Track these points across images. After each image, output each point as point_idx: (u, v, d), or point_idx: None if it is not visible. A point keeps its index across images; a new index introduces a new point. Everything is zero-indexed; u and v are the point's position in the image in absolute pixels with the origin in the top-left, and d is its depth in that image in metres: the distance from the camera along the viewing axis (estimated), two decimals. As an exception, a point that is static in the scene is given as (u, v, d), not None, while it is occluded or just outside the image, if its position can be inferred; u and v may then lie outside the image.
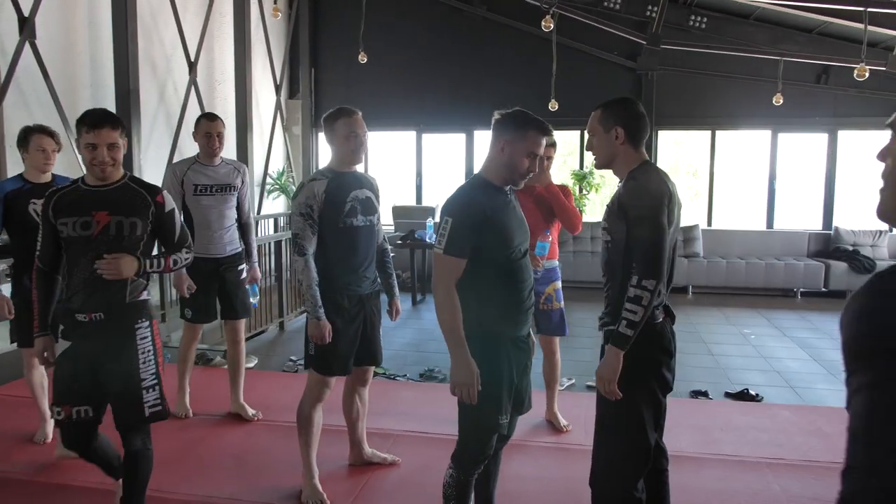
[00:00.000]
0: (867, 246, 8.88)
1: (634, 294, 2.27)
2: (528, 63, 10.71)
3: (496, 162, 2.55)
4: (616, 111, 2.46)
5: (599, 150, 2.50)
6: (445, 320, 2.48)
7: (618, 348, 2.31)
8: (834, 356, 6.00)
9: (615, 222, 2.40)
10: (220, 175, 4.14)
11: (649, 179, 2.37)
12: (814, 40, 9.80)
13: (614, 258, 2.43)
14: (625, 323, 2.29)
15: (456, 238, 2.47)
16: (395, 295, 3.59)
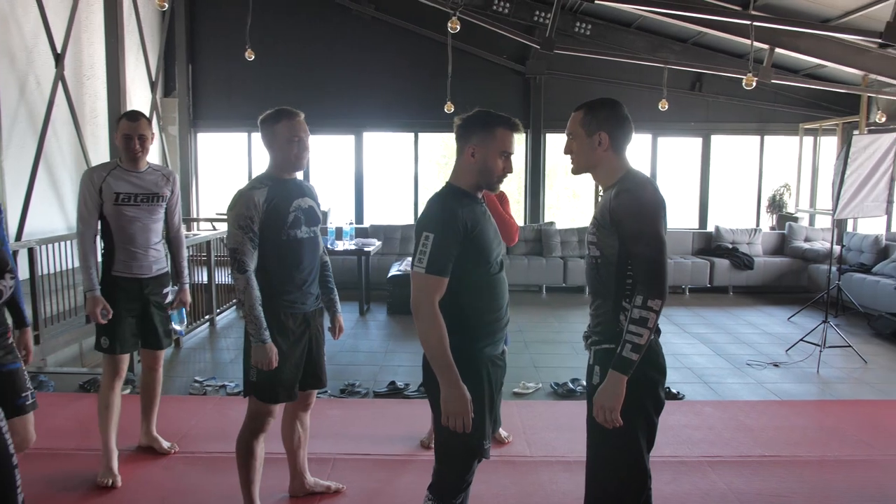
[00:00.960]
0: (744, 243, 9.45)
1: (640, 316, 2.11)
2: (419, 64, 10.61)
3: (467, 168, 2.37)
4: (601, 115, 2.29)
5: (580, 155, 2.33)
6: (433, 345, 2.26)
7: (622, 374, 2.14)
8: (734, 350, 6.29)
9: (606, 237, 2.24)
10: (147, 182, 3.56)
11: (644, 190, 2.21)
12: (689, 49, 10.35)
13: (605, 274, 2.27)
14: (629, 347, 2.12)
15: (438, 255, 2.26)
16: (337, 311, 3.33)
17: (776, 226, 10.63)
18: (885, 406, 4.93)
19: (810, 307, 7.66)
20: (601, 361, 2.25)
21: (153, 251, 3.59)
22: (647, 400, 2.24)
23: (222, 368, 5.61)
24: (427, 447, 3.99)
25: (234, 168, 11.20)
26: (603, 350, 2.24)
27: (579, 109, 2.34)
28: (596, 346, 2.29)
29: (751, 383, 5.33)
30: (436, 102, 9.87)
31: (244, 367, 3.02)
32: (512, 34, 8.73)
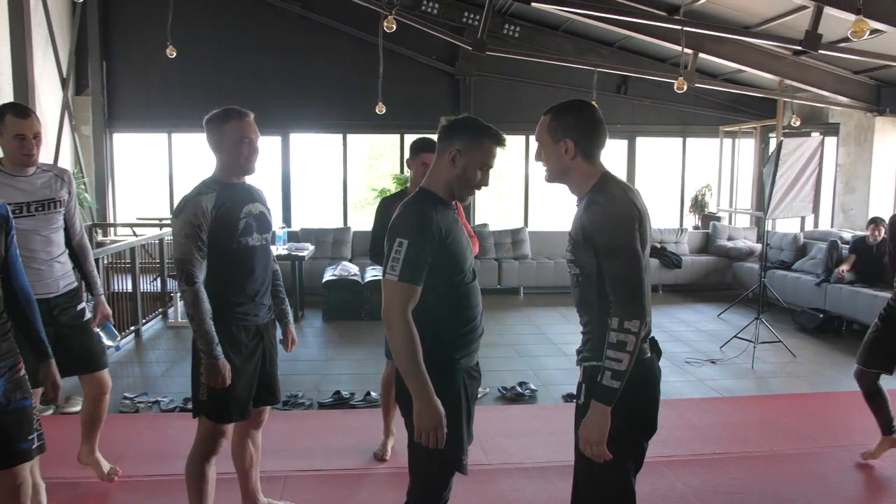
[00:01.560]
0: (672, 243, 9.69)
1: (617, 340, 1.96)
2: (347, 64, 10.41)
3: (445, 174, 2.26)
4: (565, 120, 2.13)
5: (548, 163, 2.18)
6: (405, 357, 2.14)
7: (604, 404, 1.98)
8: (671, 348, 6.41)
9: (583, 254, 2.09)
10: (38, 187, 3.11)
11: (612, 201, 2.05)
12: (615, 53, 10.54)
13: (587, 292, 2.13)
14: (609, 374, 1.96)
15: (412, 263, 2.15)
16: (289, 322, 3.18)
17: (699, 225, 10.97)
18: (818, 398, 5.12)
19: (738, 304, 7.91)
20: (588, 379, 2.13)
21: (58, 265, 3.17)
22: (636, 430, 2.13)
23: (153, 383, 5.30)
24: (381, 459, 3.86)
25: (154, 170, 10.69)
26: (591, 367, 2.12)
27: (547, 114, 2.18)
28: (585, 363, 2.18)
29: (692, 381, 5.44)
30: (364, 103, 9.71)
31: (193, 385, 2.83)
32: (444, 35, 8.68)
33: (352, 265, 8.09)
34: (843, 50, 7.01)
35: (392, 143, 12.19)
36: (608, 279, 2.02)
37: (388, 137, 12.09)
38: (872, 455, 3.84)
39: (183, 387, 5.14)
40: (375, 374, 5.52)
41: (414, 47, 10.38)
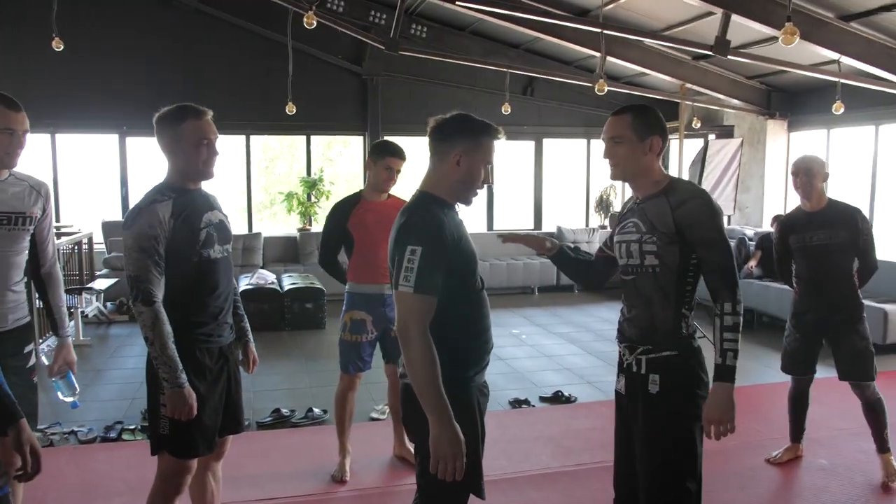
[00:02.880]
0: (584, 242, 9.89)
1: (733, 322, 2.13)
2: (250, 62, 9.94)
3: (451, 176, 2.15)
4: (652, 119, 2.26)
5: (628, 160, 2.26)
6: (425, 378, 1.98)
7: (730, 383, 2.13)
8: (601, 347, 6.48)
9: (667, 245, 2.19)
10: (9, 196, 2.60)
11: (710, 198, 2.22)
12: (521, 55, 10.63)
13: (665, 283, 2.22)
14: (731, 355, 2.12)
15: (427, 272, 2.00)
16: (249, 340, 2.92)
17: (606, 225, 11.25)
18: (755, 391, 5.29)
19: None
20: (661, 370, 2.20)
21: (11, 294, 2.61)
22: (702, 402, 2.21)
23: (64, 410, 4.75)
24: (341, 481, 3.62)
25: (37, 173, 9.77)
26: (662, 358, 2.20)
27: (623, 113, 2.28)
28: (651, 355, 2.21)
29: (630, 380, 5.49)
30: (268, 103, 9.32)
31: (150, 419, 2.53)
32: (355, 33, 8.45)
33: (267, 272, 7.72)
34: (744, 55, 7.33)
35: (289, 144, 11.80)
36: (711, 268, 2.17)
37: (285, 139, 11.69)
38: (778, 461, 3.90)
39: (101, 413, 4.69)
40: (311, 388, 5.27)
41: (320, 46, 10.04)
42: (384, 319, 3.68)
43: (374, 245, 3.62)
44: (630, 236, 2.28)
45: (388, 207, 3.69)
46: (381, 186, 3.66)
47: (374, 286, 3.66)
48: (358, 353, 3.70)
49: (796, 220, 3.70)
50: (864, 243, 3.55)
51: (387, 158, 3.61)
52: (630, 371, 2.28)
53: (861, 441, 4.02)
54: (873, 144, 8.27)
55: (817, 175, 3.60)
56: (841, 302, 3.59)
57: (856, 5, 6.60)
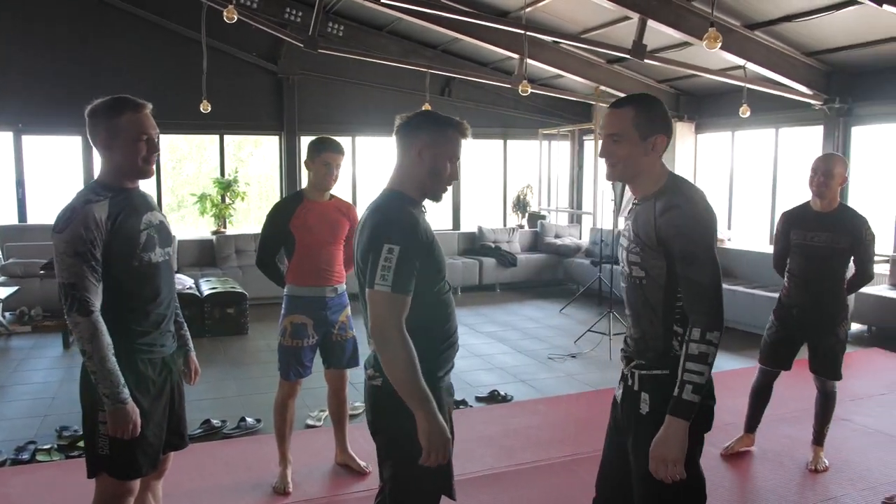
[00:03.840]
0: (505, 242, 9.99)
1: (699, 351, 1.88)
2: (161, 59, 9.49)
3: (415, 171, 2.11)
4: (657, 115, 2.03)
5: (628, 159, 2.02)
6: (407, 374, 1.95)
7: (684, 420, 1.89)
8: (530, 345, 6.56)
9: (651, 257, 1.99)
10: None
11: (696, 206, 1.96)
12: (439, 56, 10.64)
13: (652, 298, 2.03)
14: (690, 388, 1.87)
15: (404, 271, 1.96)
16: (190, 349, 2.77)
17: (523, 224, 11.40)
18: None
19: (578, 299, 8.31)
20: (650, 389, 2.04)
21: None
22: (703, 428, 2.03)
23: (-32, 431, 4.41)
24: (284, 493, 3.49)
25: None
26: (652, 376, 2.04)
27: (625, 106, 2.03)
28: (642, 371, 2.07)
29: (561, 376, 5.59)
30: (179, 101, 8.94)
31: (87, 438, 2.36)
32: (272, 30, 8.24)
33: (185, 277, 7.39)
34: (658, 59, 7.59)
35: (198, 144, 11.37)
36: (686, 286, 1.94)
37: (194, 139, 11.25)
38: (730, 450, 3.94)
39: (9, 433, 4.38)
40: (240, 397, 5.08)
41: (234, 43, 9.71)
42: (325, 323, 3.59)
43: (317, 247, 3.54)
44: (624, 241, 2.13)
45: (331, 209, 3.60)
46: (323, 184, 3.55)
47: (316, 289, 3.56)
48: (298, 359, 3.58)
49: (803, 217, 3.66)
50: (865, 253, 3.55)
51: (323, 154, 3.51)
52: (626, 383, 2.16)
53: (786, 426, 4.24)
54: (773, 146, 8.75)
55: (835, 177, 3.52)
56: (828, 303, 3.61)
57: (760, 15, 6.95)
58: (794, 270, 3.69)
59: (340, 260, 3.65)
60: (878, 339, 6.62)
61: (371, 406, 2.15)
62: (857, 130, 7.89)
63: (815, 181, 3.56)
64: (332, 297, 3.61)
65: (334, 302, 3.61)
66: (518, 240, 10.21)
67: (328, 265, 3.57)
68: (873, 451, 4.00)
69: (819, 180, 3.54)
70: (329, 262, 3.57)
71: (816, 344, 3.67)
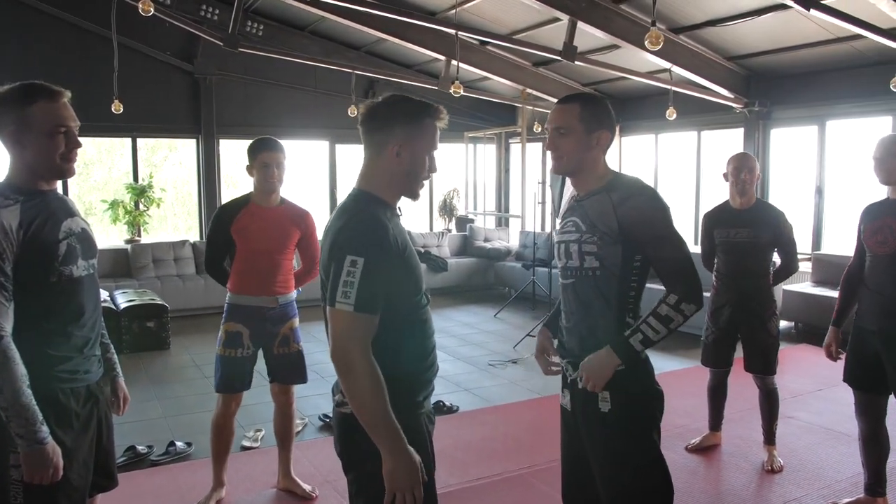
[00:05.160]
0: (434, 246, 9.83)
1: (666, 314, 1.98)
2: (66, 56, 8.83)
3: (389, 171, 1.88)
4: (602, 111, 2.12)
5: (573, 153, 2.10)
6: (371, 406, 1.74)
7: (618, 358, 2.00)
8: (469, 352, 6.42)
9: (610, 246, 2.04)
10: None
11: (654, 194, 2.08)
12: (362, 57, 10.40)
13: (605, 287, 2.06)
14: (640, 337, 1.99)
15: (369, 286, 1.74)
16: (118, 374, 2.46)
17: (451, 228, 11.29)
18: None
19: (512, 303, 8.24)
20: (610, 386, 2.03)
21: None
22: (657, 412, 2.12)
23: None
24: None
25: None
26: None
27: (571, 102, 2.12)
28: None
29: (505, 383, 5.46)
30: (87, 102, 8.26)
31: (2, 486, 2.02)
32: (189, 27, 7.84)
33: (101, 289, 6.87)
34: (588, 61, 7.61)
35: (107, 148, 10.74)
36: (663, 267, 2.04)
37: (102, 142, 10.63)
38: (695, 448, 4.01)
39: None
40: (165, 418, 4.73)
41: (146, 41, 9.19)
42: (264, 334, 3.36)
43: (257, 254, 3.31)
44: (569, 236, 2.13)
45: (279, 215, 3.36)
46: (266, 187, 3.32)
47: (254, 298, 3.33)
48: (234, 370, 3.33)
49: (723, 216, 3.76)
50: (787, 244, 3.68)
51: (260, 155, 3.30)
52: (575, 387, 2.13)
53: (735, 427, 4.24)
54: (696, 149, 8.95)
55: (756, 174, 3.68)
56: (755, 297, 3.69)
57: (685, 19, 7.07)
58: (720, 269, 3.78)
59: (288, 269, 3.42)
60: (805, 335, 6.81)
61: (340, 436, 1.93)
62: (775, 133, 8.16)
63: (742, 178, 3.65)
64: (272, 309, 3.37)
65: (274, 313, 3.37)
66: (448, 244, 10.08)
67: (270, 274, 3.35)
68: (822, 448, 4.05)
69: (745, 177, 3.65)
70: (271, 271, 3.35)
71: (749, 340, 3.74)
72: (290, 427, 3.55)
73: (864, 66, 7.08)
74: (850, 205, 7.59)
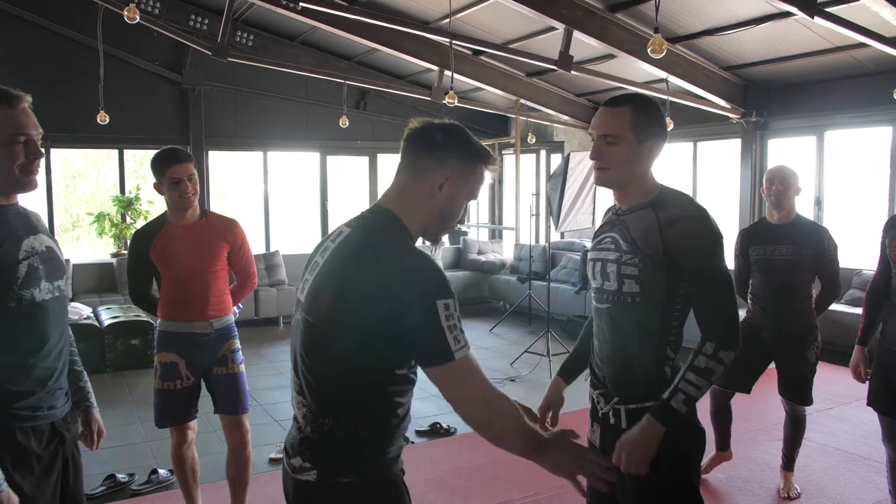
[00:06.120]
0: (428, 260, 9.66)
1: (706, 366, 1.77)
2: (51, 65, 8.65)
3: (427, 203, 1.63)
4: (654, 118, 1.89)
5: (622, 164, 1.87)
6: (520, 437, 1.55)
7: (663, 426, 1.78)
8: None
9: (652, 270, 1.82)
10: None
11: (708, 218, 1.84)
12: (353, 67, 10.27)
13: (646, 317, 1.85)
14: (682, 398, 1.77)
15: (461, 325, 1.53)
16: (92, 405, 2.27)
17: (444, 241, 11.13)
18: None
19: (507, 318, 8.07)
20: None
21: None
22: (698, 453, 1.96)
23: None
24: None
25: None
26: (643, 410, 1.83)
27: (622, 105, 1.87)
28: (631, 405, 1.87)
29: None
30: (73, 112, 8.22)
31: None
32: (177, 37, 7.67)
33: (81, 306, 6.68)
34: (583, 71, 7.49)
35: (95, 159, 10.58)
36: (703, 305, 1.83)
37: (90, 153, 10.47)
38: (705, 470, 3.80)
39: None
40: (149, 443, 4.52)
41: (134, 51, 9.03)
42: (200, 362, 3.10)
43: (182, 278, 3.05)
44: (607, 254, 1.94)
45: (200, 232, 3.08)
46: (181, 203, 3.00)
47: (184, 324, 3.06)
48: (172, 404, 3.10)
49: (760, 232, 3.51)
50: (829, 265, 3.38)
51: (167, 171, 2.94)
52: (607, 422, 1.94)
53: (749, 449, 4.08)
54: (692, 160, 8.84)
55: (792, 186, 3.38)
56: (796, 322, 3.41)
57: (682, 28, 6.96)
58: (756, 290, 3.50)
59: (221, 289, 3.14)
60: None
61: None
62: (773, 143, 8.05)
63: (773, 190, 3.40)
64: (207, 334, 3.09)
65: (209, 339, 3.10)
66: (441, 257, 9.91)
67: (200, 297, 3.06)
68: (840, 472, 3.90)
69: (777, 189, 3.38)
70: (200, 293, 3.06)
71: (784, 367, 3.49)
72: (245, 473, 3.24)
73: (863, 76, 7.00)
74: (851, 216, 7.50)
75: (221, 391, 3.15)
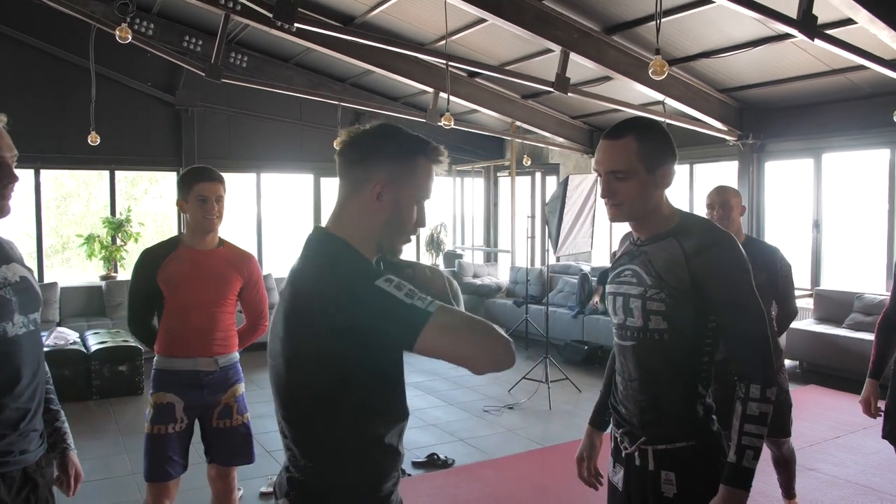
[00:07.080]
0: (423, 283, 9.54)
1: (760, 412, 1.66)
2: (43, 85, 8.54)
3: (368, 219, 1.49)
4: (662, 143, 1.76)
5: (635, 198, 1.75)
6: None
7: (744, 490, 1.66)
8: (461, 396, 6.10)
9: (681, 305, 1.70)
10: None
11: (733, 244, 1.73)
12: (347, 89, 10.21)
13: (676, 353, 1.74)
14: (752, 454, 1.65)
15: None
16: (69, 447, 2.10)
17: (438, 264, 11.02)
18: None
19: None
20: (677, 467, 1.72)
21: None
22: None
23: None
24: None
25: None
26: (674, 451, 1.73)
27: (624, 136, 1.73)
28: (660, 446, 1.74)
29: (501, 431, 5.14)
30: (64, 133, 8.11)
31: None
32: (171, 57, 7.60)
33: (68, 331, 6.52)
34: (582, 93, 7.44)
35: (86, 180, 10.46)
36: (736, 339, 1.72)
37: (81, 174, 10.35)
38: None
39: None
40: (135, 476, 4.34)
41: (126, 71, 8.93)
42: (200, 405, 2.85)
43: (190, 308, 2.82)
44: (629, 288, 1.80)
45: (216, 260, 2.90)
46: (203, 225, 2.84)
47: (186, 361, 2.82)
48: (164, 452, 2.79)
49: None
50: (784, 286, 3.21)
51: (195, 187, 2.79)
52: (632, 463, 1.81)
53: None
54: (688, 183, 8.79)
55: (735, 207, 3.18)
56: None
57: (678, 50, 6.93)
58: None
59: (228, 325, 2.92)
60: (811, 375, 6.56)
61: None
62: (770, 165, 8.01)
63: (716, 216, 3.14)
64: (211, 372, 2.85)
65: (213, 378, 2.85)
66: (437, 280, 9.79)
67: (207, 331, 2.85)
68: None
69: (718, 213, 3.14)
70: (207, 327, 2.85)
71: None
72: None
73: (860, 99, 6.98)
74: (849, 239, 7.44)
75: (224, 443, 2.91)
